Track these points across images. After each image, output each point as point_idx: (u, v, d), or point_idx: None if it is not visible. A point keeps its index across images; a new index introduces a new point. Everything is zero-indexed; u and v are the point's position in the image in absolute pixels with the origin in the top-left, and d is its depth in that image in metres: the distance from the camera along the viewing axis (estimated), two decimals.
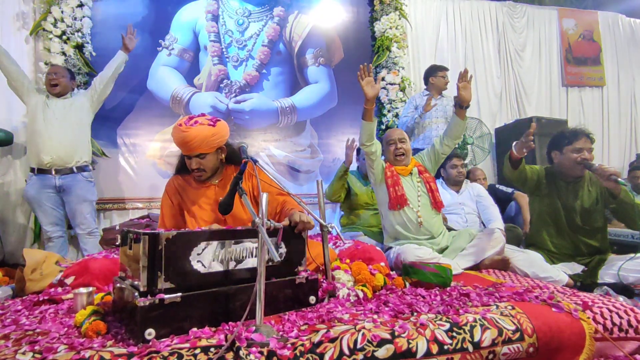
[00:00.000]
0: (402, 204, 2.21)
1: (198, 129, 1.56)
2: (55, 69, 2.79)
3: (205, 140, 1.58)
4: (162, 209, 1.76)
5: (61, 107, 2.70)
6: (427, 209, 2.25)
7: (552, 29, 4.99)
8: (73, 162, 2.67)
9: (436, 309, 1.22)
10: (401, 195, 2.21)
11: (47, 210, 2.64)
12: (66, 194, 2.67)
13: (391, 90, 3.96)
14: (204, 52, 3.69)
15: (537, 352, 1.09)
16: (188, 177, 1.76)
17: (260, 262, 1.05)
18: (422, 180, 2.32)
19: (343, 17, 4.11)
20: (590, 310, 1.22)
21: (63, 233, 2.76)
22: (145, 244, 1.05)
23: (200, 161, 1.63)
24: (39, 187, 2.61)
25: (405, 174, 2.32)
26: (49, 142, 2.60)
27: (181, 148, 1.65)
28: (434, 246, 2.15)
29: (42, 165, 2.60)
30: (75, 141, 2.69)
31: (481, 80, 4.60)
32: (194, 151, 1.60)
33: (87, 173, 2.75)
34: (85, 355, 0.89)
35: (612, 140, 5.07)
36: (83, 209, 2.71)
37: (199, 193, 1.72)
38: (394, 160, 2.33)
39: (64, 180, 2.64)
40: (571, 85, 4.99)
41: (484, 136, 4.25)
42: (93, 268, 1.61)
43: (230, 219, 1.67)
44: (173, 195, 1.76)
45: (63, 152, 2.62)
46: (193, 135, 1.55)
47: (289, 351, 0.94)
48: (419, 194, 2.27)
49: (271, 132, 3.80)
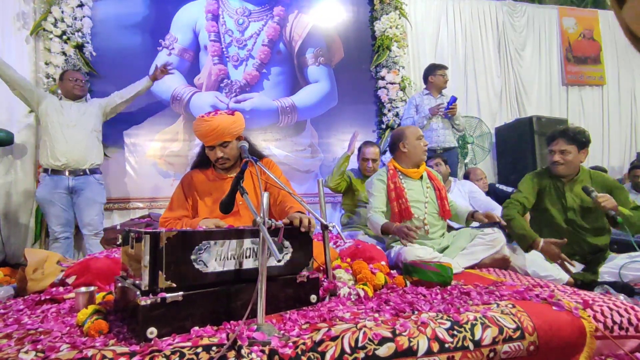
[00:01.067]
0: (407, 217, 2.10)
1: (220, 117, 1.68)
2: (77, 75, 2.87)
3: (227, 128, 1.69)
4: (172, 197, 1.81)
5: (76, 110, 2.78)
6: (433, 217, 2.17)
7: (552, 28, 4.99)
8: (86, 164, 2.74)
9: (437, 307, 1.22)
10: (405, 209, 2.10)
11: (58, 211, 2.69)
12: (77, 195, 2.73)
13: (391, 89, 3.96)
14: (204, 51, 3.69)
15: (537, 350, 1.09)
16: (206, 171, 1.83)
17: (262, 261, 1.05)
18: (432, 186, 2.22)
19: (343, 16, 4.11)
20: (590, 309, 1.22)
21: (70, 234, 2.80)
22: (147, 243, 1.05)
23: (223, 149, 1.72)
24: (51, 188, 2.67)
25: (416, 177, 2.22)
26: (64, 144, 2.67)
27: (205, 139, 1.72)
28: (434, 246, 2.15)
29: (55, 167, 2.66)
30: (88, 144, 2.76)
31: (481, 80, 4.61)
32: (218, 139, 1.69)
33: (98, 175, 2.83)
34: (88, 354, 0.89)
35: (613, 139, 5.07)
36: (92, 210, 2.77)
37: (215, 186, 1.77)
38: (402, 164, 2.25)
39: (77, 182, 2.71)
40: (571, 84, 4.99)
41: (484, 135, 4.25)
42: (94, 267, 1.62)
43: (246, 213, 1.73)
44: (187, 187, 1.80)
45: (77, 154, 2.69)
46: (216, 123, 1.67)
47: (291, 350, 0.94)
48: (427, 201, 2.17)
49: (271, 132, 3.81)
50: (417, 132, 2.25)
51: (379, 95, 4.01)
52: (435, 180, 2.26)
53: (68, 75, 2.86)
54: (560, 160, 2.11)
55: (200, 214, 1.76)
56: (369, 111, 4.09)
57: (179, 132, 3.60)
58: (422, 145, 2.21)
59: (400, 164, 2.27)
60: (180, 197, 1.80)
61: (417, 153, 2.21)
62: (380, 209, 2.19)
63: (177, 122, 3.60)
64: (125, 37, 3.48)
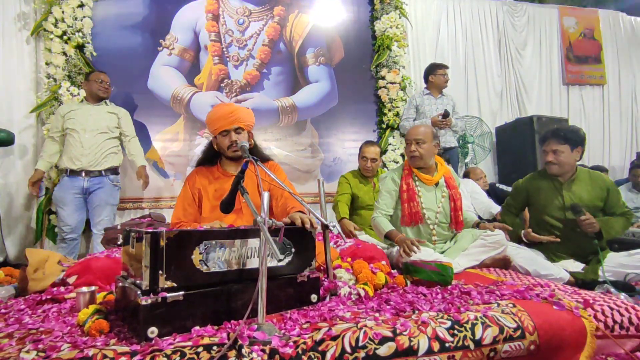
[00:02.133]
0: (417, 221, 2.06)
1: (238, 105, 1.78)
2: (102, 77, 2.91)
3: (245, 116, 1.76)
4: (178, 200, 1.80)
5: (95, 113, 2.83)
6: (443, 227, 2.11)
7: (552, 28, 4.99)
8: (103, 166, 2.79)
9: (437, 307, 1.22)
10: (416, 213, 2.05)
11: (69, 212, 2.74)
12: (91, 196, 2.78)
13: (392, 89, 3.96)
14: (205, 51, 3.70)
15: (538, 349, 1.09)
16: (212, 167, 1.83)
17: (262, 261, 1.05)
18: (447, 195, 2.13)
19: (343, 16, 4.11)
20: (591, 308, 1.22)
21: (77, 237, 2.83)
22: (147, 242, 1.05)
23: (238, 136, 1.74)
24: (67, 189, 2.74)
25: (429, 183, 2.13)
26: (79, 148, 2.72)
27: (223, 121, 1.73)
28: (436, 248, 2.14)
29: (73, 167, 2.72)
30: (104, 146, 2.80)
31: (482, 79, 4.60)
32: (235, 123, 1.72)
33: (113, 176, 2.86)
34: (89, 353, 0.89)
35: (613, 139, 5.07)
36: (103, 211, 2.81)
37: (221, 183, 1.77)
38: (410, 160, 2.16)
39: (91, 182, 2.76)
40: (572, 84, 4.99)
41: (485, 135, 4.25)
42: (95, 267, 1.61)
43: (248, 212, 1.73)
44: (192, 185, 1.80)
45: (92, 157, 2.75)
46: (235, 107, 1.75)
47: (291, 349, 0.94)
48: (439, 210, 2.09)
49: (272, 132, 3.81)
50: (407, 135, 2.20)
51: (379, 95, 4.00)
52: (453, 189, 2.15)
53: (94, 76, 2.90)
54: (554, 160, 2.13)
55: (204, 211, 1.75)
56: (369, 111, 4.09)
57: (179, 132, 3.60)
58: (408, 150, 2.15)
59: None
60: (188, 196, 1.78)
61: (408, 155, 2.17)
62: (387, 213, 2.15)
63: (177, 122, 3.60)
64: (126, 37, 3.48)
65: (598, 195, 2.13)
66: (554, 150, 2.13)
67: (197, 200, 1.79)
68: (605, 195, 2.13)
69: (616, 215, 2.11)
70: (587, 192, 2.13)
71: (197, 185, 1.79)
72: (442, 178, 2.18)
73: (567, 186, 2.16)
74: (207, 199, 1.77)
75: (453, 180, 2.21)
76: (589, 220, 2.00)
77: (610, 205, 2.13)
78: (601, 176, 2.20)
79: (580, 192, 2.13)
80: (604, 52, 5.08)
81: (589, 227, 2.00)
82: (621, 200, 2.15)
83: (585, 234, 2.06)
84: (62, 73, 3.13)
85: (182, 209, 1.78)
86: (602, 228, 2.02)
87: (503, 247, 2.08)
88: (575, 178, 2.16)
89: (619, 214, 2.11)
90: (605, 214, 2.14)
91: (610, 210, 2.13)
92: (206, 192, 1.78)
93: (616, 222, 2.08)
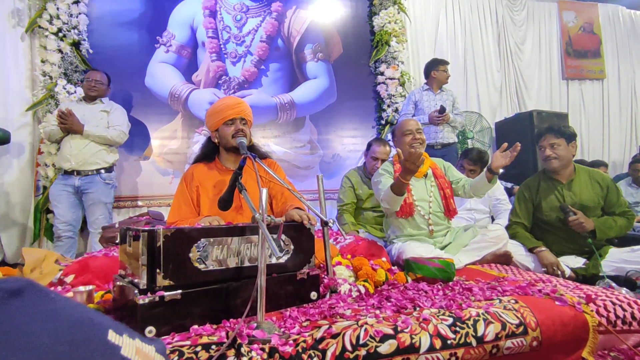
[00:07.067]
0: (410, 212, 2.08)
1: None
2: (96, 75, 2.87)
3: (250, 110, 1.80)
4: (174, 198, 1.77)
5: (87, 112, 2.80)
6: (438, 215, 2.13)
7: (552, 22, 4.97)
8: (94, 165, 2.77)
9: (439, 303, 1.21)
10: (409, 204, 2.07)
11: (63, 210, 2.75)
12: (84, 195, 2.78)
13: (390, 85, 3.94)
14: (202, 48, 3.67)
15: (540, 345, 1.08)
16: (210, 163, 1.81)
17: (261, 258, 1.03)
18: (436, 184, 2.16)
19: (341, 11, 4.08)
20: (593, 303, 1.21)
21: (74, 235, 2.82)
22: (144, 241, 1.04)
23: (243, 127, 1.74)
24: (61, 187, 2.75)
25: (418, 175, 2.15)
26: (68, 148, 2.72)
27: (230, 111, 1.73)
28: (436, 244, 2.13)
29: (65, 167, 2.73)
30: (96, 145, 2.78)
31: (481, 74, 4.59)
32: (241, 113, 1.74)
33: (105, 175, 2.83)
34: None
35: (613, 133, 5.06)
36: (97, 210, 2.80)
37: (219, 178, 1.75)
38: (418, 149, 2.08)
39: (83, 182, 2.76)
40: (571, 79, 4.98)
41: (484, 130, 4.24)
42: (93, 266, 1.60)
43: (248, 208, 1.69)
44: (189, 183, 1.76)
45: (82, 157, 2.73)
46: (243, 100, 1.80)
47: (291, 348, 0.93)
48: (431, 199, 2.12)
49: (270, 128, 3.79)
50: (403, 127, 2.16)
51: (378, 91, 3.98)
52: (440, 178, 2.18)
53: (88, 75, 2.89)
54: (552, 154, 2.12)
55: (202, 207, 1.73)
56: (368, 107, 4.07)
57: (177, 129, 3.58)
58: (407, 140, 2.11)
59: None
60: (184, 195, 1.75)
61: (404, 150, 2.11)
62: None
63: (175, 119, 3.58)
64: (122, 34, 3.45)
65: (598, 193, 2.11)
66: (552, 144, 2.12)
67: (194, 198, 1.76)
68: (605, 193, 2.11)
69: (616, 214, 2.09)
70: (587, 191, 2.12)
71: (195, 182, 1.76)
72: (430, 170, 2.19)
73: (567, 186, 2.15)
74: (205, 195, 1.74)
75: (440, 170, 2.23)
76: (577, 221, 2.00)
77: (610, 204, 2.10)
78: (600, 174, 2.18)
79: (581, 191, 2.11)
80: (603, 46, 5.07)
81: (579, 227, 2.00)
82: (621, 199, 2.12)
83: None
84: (57, 71, 3.11)
85: (179, 207, 1.75)
86: (598, 228, 2.01)
87: (504, 242, 2.07)
88: (575, 177, 2.15)
89: (618, 214, 2.08)
90: (605, 212, 2.13)
91: (609, 209, 2.11)
92: (205, 188, 1.75)
93: (615, 223, 2.05)
